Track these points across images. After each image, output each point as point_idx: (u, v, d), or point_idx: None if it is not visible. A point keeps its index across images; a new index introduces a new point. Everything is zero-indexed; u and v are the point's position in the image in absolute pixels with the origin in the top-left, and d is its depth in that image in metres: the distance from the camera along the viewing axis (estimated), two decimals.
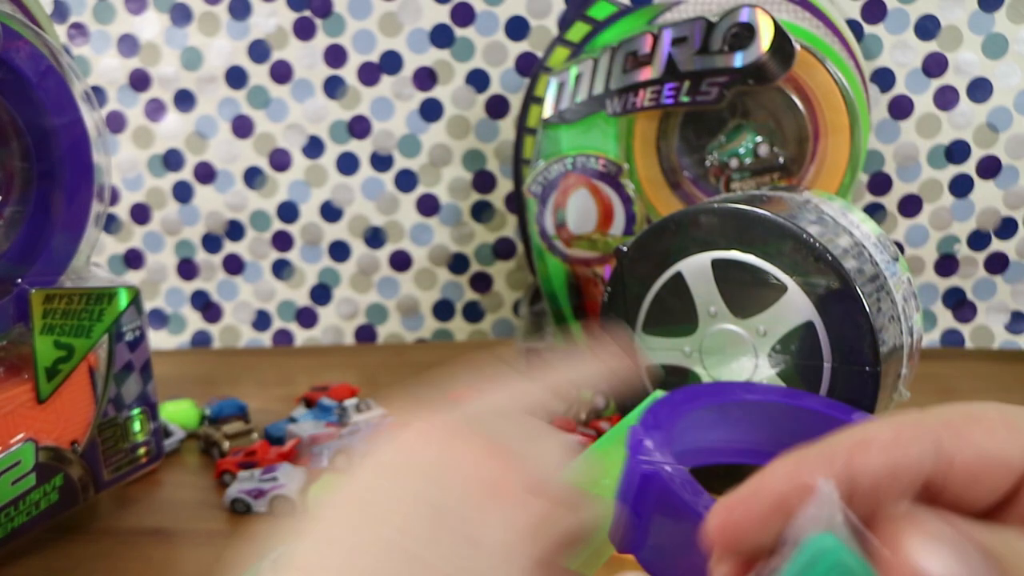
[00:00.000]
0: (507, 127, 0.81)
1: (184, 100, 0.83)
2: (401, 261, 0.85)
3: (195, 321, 0.88)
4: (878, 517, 0.17)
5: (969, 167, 0.76)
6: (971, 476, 0.18)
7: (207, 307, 0.87)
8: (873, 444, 0.18)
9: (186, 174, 0.84)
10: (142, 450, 0.53)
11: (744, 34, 0.58)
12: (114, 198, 0.85)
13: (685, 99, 0.60)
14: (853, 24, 0.75)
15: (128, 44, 0.82)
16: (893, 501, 0.18)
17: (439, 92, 0.81)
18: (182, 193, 0.85)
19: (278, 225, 0.85)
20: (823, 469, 0.18)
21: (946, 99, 0.75)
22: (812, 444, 0.19)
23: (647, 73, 0.61)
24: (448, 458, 0.24)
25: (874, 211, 0.78)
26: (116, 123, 0.83)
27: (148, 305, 0.88)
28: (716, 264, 0.46)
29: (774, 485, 0.19)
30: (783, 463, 0.19)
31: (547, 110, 0.66)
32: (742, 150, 0.63)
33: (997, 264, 0.78)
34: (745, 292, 0.46)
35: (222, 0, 0.80)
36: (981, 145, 0.75)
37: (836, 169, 0.61)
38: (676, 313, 0.49)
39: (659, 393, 0.43)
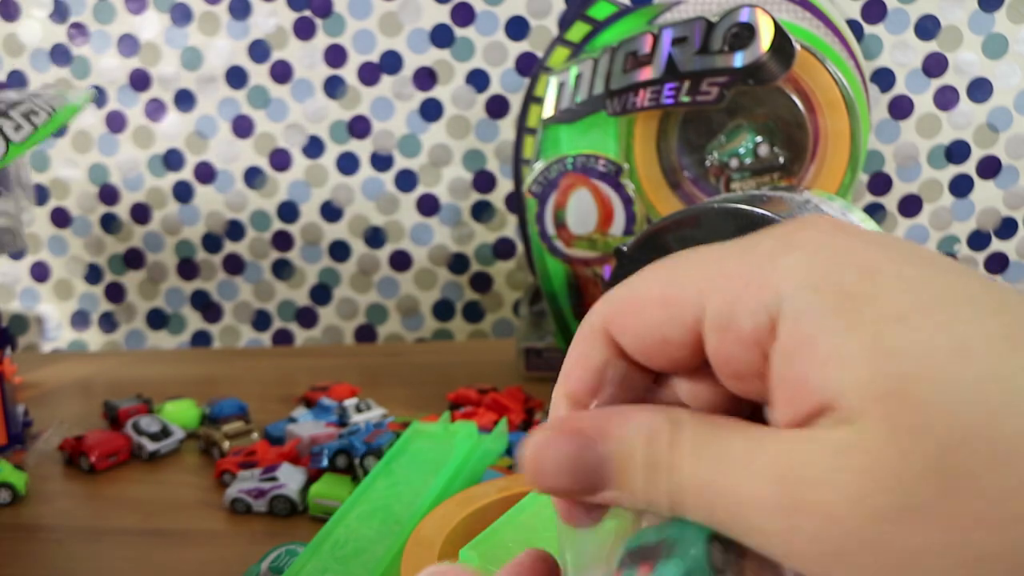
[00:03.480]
0: (507, 127, 0.81)
1: (184, 100, 0.83)
2: (401, 261, 0.85)
3: (195, 321, 0.88)
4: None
5: (969, 167, 0.76)
6: (646, 357, 0.19)
7: (207, 307, 0.87)
8: (569, 376, 0.20)
9: (186, 174, 0.84)
10: None
11: (744, 34, 0.58)
12: (114, 198, 0.85)
13: (685, 99, 0.60)
14: (853, 24, 0.75)
15: (128, 44, 0.82)
16: (603, 395, 0.20)
17: (439, 92, 0.81)
18: (182, 193, 0.85)
19: (278, 225, 0.85)
20: (560, 403, 0.20)
21: (946, 99, 0.75)
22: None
23: (647, 73, 0.61)
24: None
25: (874, 211, 0.78)
26: (116, 123, 0.84)
27: (148, 305, 0.88)
28: None
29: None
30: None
31: (547, 110, 0.66)
32: (742, 150, 0.63)
33: (997, 264, 0.78)
34: None
35: (222, 0, 0.80)
36: (981, 145, 0.75)
37: (836, 169, 0.61)
38: None
39: None
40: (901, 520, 0.14)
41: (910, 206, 0.78)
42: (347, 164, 0.83)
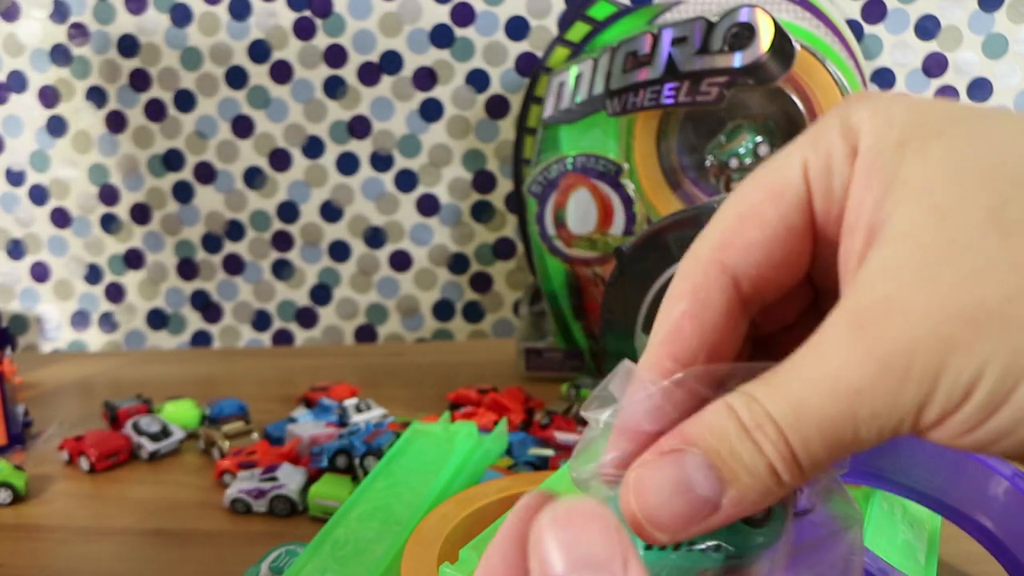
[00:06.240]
0: (507, 127, 0.81)
1: (184, 100, 0.83)
2: (401, 261, 0.85)
3: (195, 321, 0.88)
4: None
5: None
6: (773, 268, 0.19)
7: (207, 307, 0.87)
8: (684, 324, 0.20)
9: (186, 174, 0.84)
10: None
11: (744, 34, 0.58)
12: (114, 198, 0.85)
13: (685, 99, 0.60)
14: (853, 24, 0.75)
15: (128, 44, 0.82)
16: (730, 337, 0.20)
17: (439, 92, 0.81)
18: (182, 193, 0.85)
19: (278, 225, 0.85)
20: (658, 365, 0.20)
21: (946, 99, 0.75)
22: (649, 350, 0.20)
23: (647, 73, 0.61)
24: None
25: None
26: (116, 123, 0.84)
27: (148, 305, 0.88)
28: None
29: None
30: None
31: (547, 110, 0.66)
32: (742, 150, 0.63)
33: None
34: None
35: (222, 0, 0.80)
36: None
37: None
38: None
39: None
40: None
41: None
42: (347, 164, 0.83)
